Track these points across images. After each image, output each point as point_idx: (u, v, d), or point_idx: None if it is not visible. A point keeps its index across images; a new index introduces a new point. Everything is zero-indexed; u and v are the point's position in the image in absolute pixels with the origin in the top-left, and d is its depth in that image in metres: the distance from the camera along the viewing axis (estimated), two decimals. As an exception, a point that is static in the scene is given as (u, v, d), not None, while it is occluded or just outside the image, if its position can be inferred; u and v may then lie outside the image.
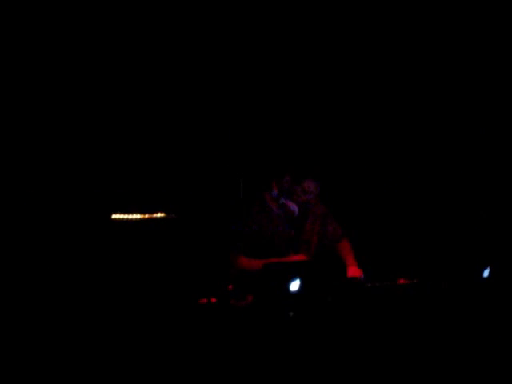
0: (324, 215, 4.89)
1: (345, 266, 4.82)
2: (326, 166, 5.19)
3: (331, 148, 5.74)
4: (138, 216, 5.05)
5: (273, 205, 4.73)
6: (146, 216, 5.06)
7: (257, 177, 5.28)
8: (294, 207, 4.68)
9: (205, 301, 4.15)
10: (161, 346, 4.01)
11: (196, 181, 5.56)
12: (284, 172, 4.71)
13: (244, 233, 4.65)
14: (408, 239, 5.21)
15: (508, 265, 4.40)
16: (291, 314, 3.99)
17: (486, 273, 4.39)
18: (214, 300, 4.15)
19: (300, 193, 4.65)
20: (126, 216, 5.02)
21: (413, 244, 5.11)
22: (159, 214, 5.08)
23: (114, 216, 4.99)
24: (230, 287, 4.22)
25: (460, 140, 5.66)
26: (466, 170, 5.60)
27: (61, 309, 4.59)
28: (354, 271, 4.75)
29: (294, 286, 4.03)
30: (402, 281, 4.41)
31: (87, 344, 4.19)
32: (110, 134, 5.26)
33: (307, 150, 5.43)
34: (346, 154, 5.79)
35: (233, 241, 4.66)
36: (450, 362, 4.03)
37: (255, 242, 4.65)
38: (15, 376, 4.00)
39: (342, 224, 4.98)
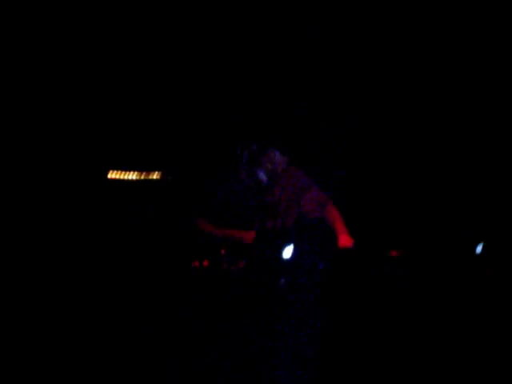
0: (301, 185, 4.77)
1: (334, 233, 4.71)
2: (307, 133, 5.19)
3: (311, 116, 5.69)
4: (134, 176, 5.05)
5: (242, 172, 4.68)
6: (142, 176, 5.06)
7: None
8: (262, 176, 4.62)
9: (197, 264, 4.15)
10: (152, 307, 4.04)
11: (189, 141, 5.53)
12: (253, 139, 4.65)
13: (211, 198, 4.61)
14: (403, 211, 5.20)
15: (501, 242, 4.42)
16: (282, 280, 4.00)
17: (478, 249, 4.40)
18: (206, 263, 4.15)
19: (266, 160, 4.58)
20: (121, 175, 5.02)
21: (407, 216, 5.11)
22: (155, 175, 5.08)
23: (109, 175, 4.99)
24: (223, 251, 4.22)
25: (459, 119, 5.64)
26: (463, 147, 5.60)
27: (55, 264, 4.61)
28: (345, 240, 4.64)
29: (287, 252, 4.03)
30: (394, 253, 4.42)
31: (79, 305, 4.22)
32: (108, 93, 5.24)
33: (282, 118, 5.38)
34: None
35: (199, 204, 4.62)
36: (438, 336, 4.06)
37: (222, 208, 4.61)
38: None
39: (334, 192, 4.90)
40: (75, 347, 4.11)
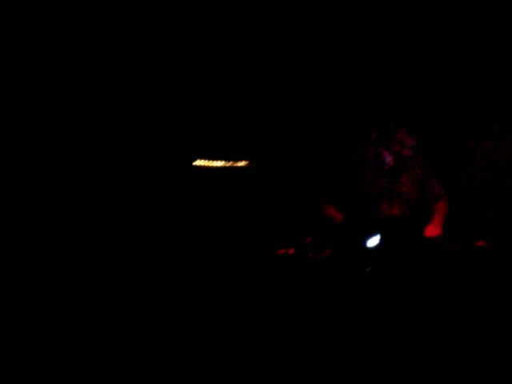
0: (425, 175, 4.77)
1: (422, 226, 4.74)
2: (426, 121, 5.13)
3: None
4: (221, 163, 5.09)
5: (370, 153, 4.67)
6: (229, 164, 5.10)
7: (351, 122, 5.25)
8: (387, 158, 4.61)
9: (283, 251, 4.18)
10: (236, 295, 4.08)
11: (281, 128, 5.55)
12: (386, 118, 4.64)
13: (337, 179, 4.65)
14: (491, 202, 5.13)
15: None
16: (368, 269, 4.00)
17: None
18: (291, 251, 4.18)
19: (394, 143, 4.57)
20: (208, 163, 5.07)
21: (495, 207, 5.04)
22: (242, 163, 5.11)
23: (196, 163, 5.05)
24: (309, 240, 4.24)
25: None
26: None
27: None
28: (430, 230, 4.66)
29: (373, 241, 4.03)
30: (480, 243, 4.37)
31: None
32: (195, 83, 5.30)
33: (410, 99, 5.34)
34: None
35: (324, 186, 4.67)
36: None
37: (348, 190, 4.63)
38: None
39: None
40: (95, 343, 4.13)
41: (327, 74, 5.52)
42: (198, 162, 5.12)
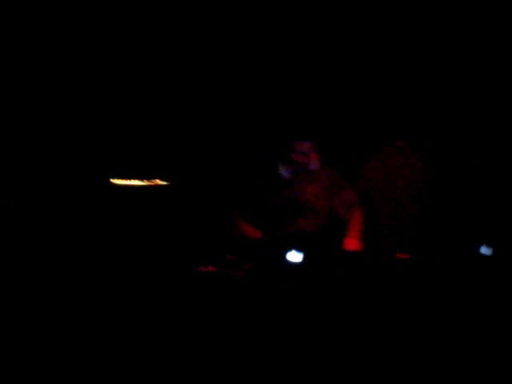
0: (335, 186, 4.75)
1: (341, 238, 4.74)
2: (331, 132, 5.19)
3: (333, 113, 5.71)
4: (138, 182, 5.05)
5: (274, 167, 4.70)
6: (146, 182, 5.06)
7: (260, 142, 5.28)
8: (284, 171, 4.64)
9: (204, 269, 4.15)
10: (159, 313, 4.02)
11: (193, 149, 5.55)
12: (284, 135, 4.68)
13: (247, 195, 4.65)
14: (409, 214, 5.20)
15: (507, 242, 4.42)
16: (289, 284, 4.00)
17: (483, 250, 4.40)
18: (212, 269, 4.15)
19: (298, 154, 4.62)
20: (126, 182, 5.02)
21: (413, 220, 5.10)
22: (159, 181, 5.08)
23: (114, 181, 4.99)
24: (230, 256, 4.22)
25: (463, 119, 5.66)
26: (467, 148, 5.60)
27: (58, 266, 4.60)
28: (349, 244, 4.64)
29: (293, 256, 4.03)
30: (400, 255, 4.42)
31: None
32: (113, 100, 5.24)
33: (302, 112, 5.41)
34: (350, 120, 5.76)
35: (238, 204, 4.65)
36: (444, 336, 4.05)
37: (257, 206, 4.63)
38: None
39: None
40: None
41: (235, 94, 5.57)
42: (116, 181, 5.06)
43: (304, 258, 4.00)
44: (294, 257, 4.04)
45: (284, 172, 4.61)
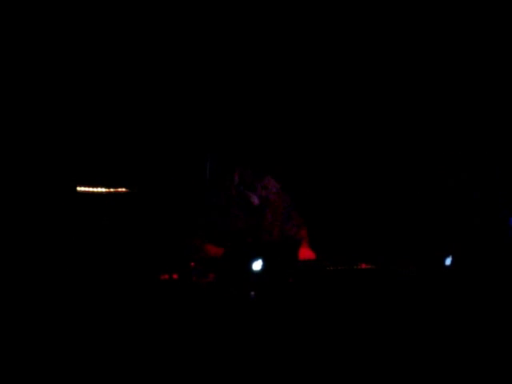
0: (289, 209, 4.96)
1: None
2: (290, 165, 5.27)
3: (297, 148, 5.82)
4: (103, 189, 5.03)
5: (233, 191, 4.81)
6: (111, 190, 5.04)
7: (222, 161, 5.33)
8: (254, 198, 4.79)
9: (166, 277, 4.13)
10: (121, 322, 4.00)
11: (161, 157, 5.55)
12: (248, 164, 4.79)
13: (206, 221, 4.73)
14: (372, 224, 5.24)
15: (470, 253, 4.45)
16: (252, 293, 4.00)
17: (448, 261, 4.44)
18: (175, 276, 4.14)
19: (260, 188, 4.77)
20: (90, 189, 5.00)
21: (376, 229, 5.15)
22: (123, 189, 5.07)
23: (78, 188, 4.96)
24: (192, 264, 4.21)
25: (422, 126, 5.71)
26: (431, 157, 5.65)
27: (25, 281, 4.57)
28: (305, 253, 4.78)
29: (256, 265, 4.03)
30: (363, 265, 4.44)
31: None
32: (77, 109, 5.22)
33: (272, 147, 5.46)
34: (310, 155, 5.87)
35: (197, 228, 4.73)
36: (406, 343, 4.08)
37: (217, 229, 4.72)
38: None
39: (305, 211, 5.06)
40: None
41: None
42: (80, 188, 5.03)
43: (263, 266, 4.03)
44: (257, 266, 4.06)
45: (254, 199, 4.75)
